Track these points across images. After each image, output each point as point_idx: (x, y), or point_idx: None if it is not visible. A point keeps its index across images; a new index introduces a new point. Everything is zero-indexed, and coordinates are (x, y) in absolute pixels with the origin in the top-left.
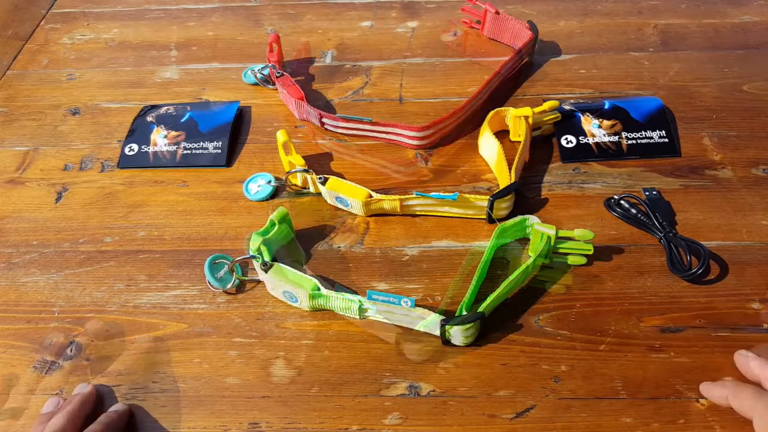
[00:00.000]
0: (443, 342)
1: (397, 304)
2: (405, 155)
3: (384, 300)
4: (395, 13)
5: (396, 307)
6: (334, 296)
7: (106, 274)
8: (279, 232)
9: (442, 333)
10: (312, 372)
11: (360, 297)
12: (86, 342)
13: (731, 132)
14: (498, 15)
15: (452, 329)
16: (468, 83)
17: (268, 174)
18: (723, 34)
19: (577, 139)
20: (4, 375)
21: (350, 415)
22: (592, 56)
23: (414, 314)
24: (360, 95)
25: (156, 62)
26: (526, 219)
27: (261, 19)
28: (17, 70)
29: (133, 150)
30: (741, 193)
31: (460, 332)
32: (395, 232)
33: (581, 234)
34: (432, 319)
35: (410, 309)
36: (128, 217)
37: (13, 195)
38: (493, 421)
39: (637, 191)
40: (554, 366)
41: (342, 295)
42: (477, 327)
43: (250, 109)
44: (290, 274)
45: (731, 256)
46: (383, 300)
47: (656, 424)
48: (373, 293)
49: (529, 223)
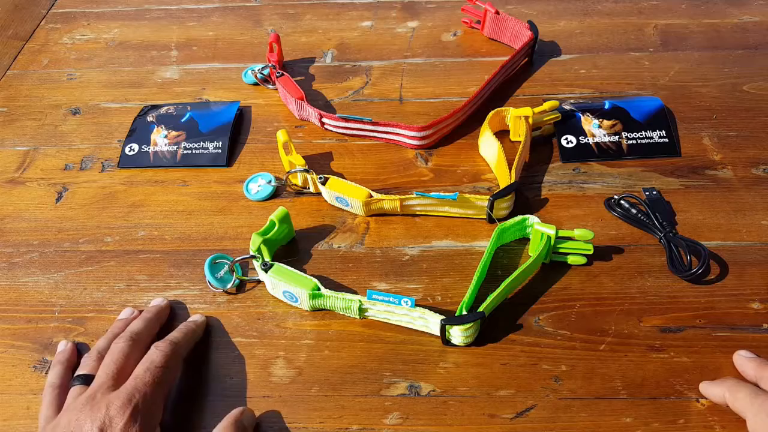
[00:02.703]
0: (443, 342)
1: (397, 304)
2: (405, 155)
3: (384, 300)
4: (395, 13)
5: (396, 307)
6: (334, 296)
7: (107, 274)
8: (279, 232)
9: (442, 333)
10: (312, 372)
11: (360, 297)
12: (86, 342)
13: (731, 132)
14: (498, 15)
15: (452, 329)
16: (468, 83)
17: (268, 174)
18: (723, 34)
19: (577, 139)
20: (4, 375)
21: (350, 415)
22: (592, 56)
23: (414, 314)
24: (360, 95)
25: (156, 62)
26: (526, 219)
27: (261, 19)
28: (17, 70)
29: (133, 150)
30: (741, 193)
31: (460, 332)
32: (395, 232)
33: (581, 234)
34: (432, 319)
35: (410, 309)
36: (128, 217)
37: (13, 195)
38: (494, 421)
39: (637, 191)
40: (554, 366)
41: (342, 294)
42: (477, 327)
43: (250, 109)
44: (290, 274)
45: (731, 256)
46: (383, 300)
47: (656, 423)
48: (373, 293)
49: (529, 222)
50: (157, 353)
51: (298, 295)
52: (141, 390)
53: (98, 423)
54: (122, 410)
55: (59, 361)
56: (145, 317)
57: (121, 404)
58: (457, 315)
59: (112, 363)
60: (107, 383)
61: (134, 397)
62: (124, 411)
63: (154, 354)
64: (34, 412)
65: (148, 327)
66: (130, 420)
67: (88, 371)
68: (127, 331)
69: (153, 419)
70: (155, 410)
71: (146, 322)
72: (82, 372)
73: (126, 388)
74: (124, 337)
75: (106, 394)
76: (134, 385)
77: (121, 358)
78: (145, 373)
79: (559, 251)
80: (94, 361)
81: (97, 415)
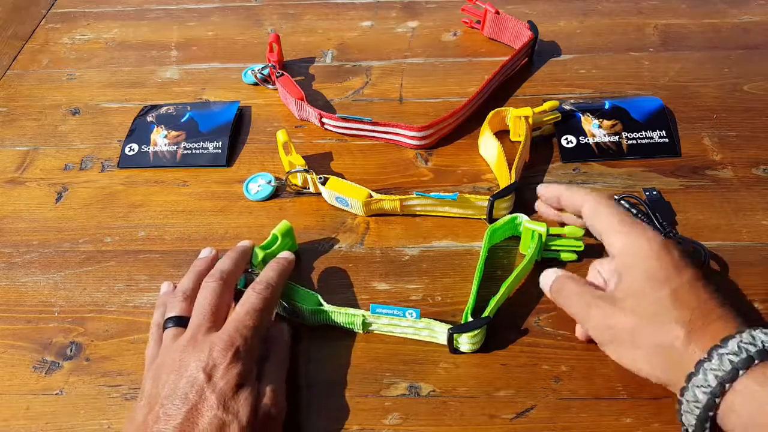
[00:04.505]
0: (452, 351)
1: (401, 316)
2: (405, 155)
3: (388, 313)
4: (395, 13)
5: (401, 320)
6: (336, 311)
7: (106, 274)
8: (282, 246)
9: (449, 341)
10: (312, 372)
11: (363, 311)
12: (86, 342)
13: (731, 132)
14: (498, 15)
15: (460, 337)
16: (468, 83)
17: (268, 174)
18: (723, 34)
19: (577, 139)
20: (3, 375)
21: (350, 415)
22: (592, 56)
23: (419, 325)
24: (360, 95)
25: (156, 62)
26: (516, 217)
27: (261, 19)
28: (17, 70)
29: (133, 150)
30: (741, 193)
31: (468, 339)
32: (395, 232)
33: (571, 231)
34: (439, 329)
35: (415, 320)
36: (128, 217)
37: (13, 195)
38: (494, 422)
39: (638, 191)
40: (554, 366)
41: (345, 310)
42: (484, 332)
43: (250, 109)
44: (290, 289)
45: (731, 256)
46: (387, 313)
47: (656, 424)
48: (376, 307)
49: (519, 221)
50: (256, 296)
51: (300, 311)
52: (243, 333)
53: (202, 364)
54: (225, 352)
55: (161, 303)
56: (231, 256)
57: (223, 346)
58: (463, 323)
59: (207, 304)
60: (205, 324)
61: (236, 340)
62: (226, 353)
63: (253, 297)
64: (34, 412)
65: (236, 266)
66: (232, 362)
67: (178, 312)
68: (216, 270)
69: (251, 362)
70: (253, 353)
71: (234, 261)
72: (173, 314)
73: (227, 330)
74: (214, 276)
75: (207, 335)
76: (235, 327)
77: (214, 298)
78: (245, 317)
79: (551, 248)
80: (182, 301)
81: (200, 356)
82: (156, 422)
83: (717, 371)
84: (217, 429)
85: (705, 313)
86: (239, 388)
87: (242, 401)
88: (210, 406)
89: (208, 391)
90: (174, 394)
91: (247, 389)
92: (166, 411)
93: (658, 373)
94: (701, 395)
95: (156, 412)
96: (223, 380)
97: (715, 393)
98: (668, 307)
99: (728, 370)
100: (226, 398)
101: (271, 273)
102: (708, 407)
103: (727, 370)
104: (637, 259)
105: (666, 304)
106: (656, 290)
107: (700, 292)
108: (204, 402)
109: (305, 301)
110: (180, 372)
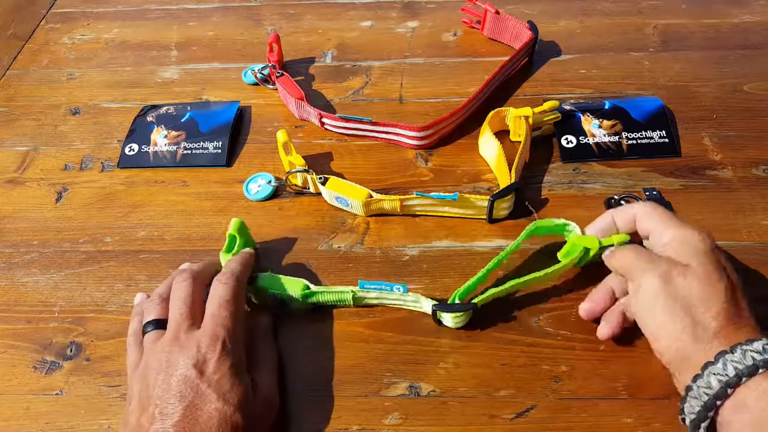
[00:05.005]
0: (435, 321)
1: (389, 290)
2: (405, 155)
3: (376, 288)
4: (395, 13)
5: (389, 293)
6: (325, 291)
7: (107, 274)
8: (241, 245)
9: (433, 315)
10: (312, 372)
11: (352, 287)
12: (86, 342)
13: (731, 132)
14: (498, 15)
15: (442, 314)
16: (468, 83)
17: (268, 174)
18: (723, 34)
19: (577, 139)
20: (3, 375)
21: (350, 415)
22: (592, 56)
23: (408, 298)
24: (360, 95)
25: (156, 62)
26: (567, 224)
27: (261, 19)
28: (17, 70)
29: (133, 150)
30: (741, 193)
31: (450, 318)
32: (395, 232)
33: (619, 239)
34: (425, 303)
35: (403, 294)
36: (128, 217)
37: (13, 195)
38: (494, 422)
39: (638, 191)
40: (554, 366)
41: (333, 288)
42: (468, 315)
43: (250, 109)
44: (277, 281)
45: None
46: (375, 288)
47: (657, 424)
48: (365, 283)
49: (570, 228)
50: (222, 287)
51: (289, 299)
52: (224, 325)
53: (192, 361)
54: (212, 346)
55: (137, 312)
56: (200, 262)
57: (209, 341)
58: (449, 302)
59: (181, 303)
60: (185, 323)
61: (219, 333)
62: (214, 347)
63: (220, 289)
64: (34, 412)
65: (205, 267)
66: (222, 354)
67: (156, 315)
68: (187, 270)
69: (240, 351)
70: (239, 342)
71: (203, 264)
72: (151, 317)
73: (208, 325)
74: (183, 275)
75: (189, 333)
76: (215, 321)
77: (188, 296)
78: (219, 309)
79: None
80: (158, 305)
81: (189, 353)
82: (152, 423)
83: (738, 363)
84: (219, 422)
85: (739, 317)
86: (234, 378)
87: (239, 391)
88: (208, 400)
89: (203, 386)
90: (167, 393)
91: (241, 379)
92: (161, 410)
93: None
94: (715, 382)
95: (150, 413)
96: (217, 373)
97: (730, 383)
98: (720, 297)
99: (749, 365)
100: (223, 390)
101: (232, 264)
102: (718, 396)
103: (748, 365)
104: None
105: (719, 293)
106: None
107: (740, 297)
108: (201, 397)
109: (293, 287)
110: (169, 371)
